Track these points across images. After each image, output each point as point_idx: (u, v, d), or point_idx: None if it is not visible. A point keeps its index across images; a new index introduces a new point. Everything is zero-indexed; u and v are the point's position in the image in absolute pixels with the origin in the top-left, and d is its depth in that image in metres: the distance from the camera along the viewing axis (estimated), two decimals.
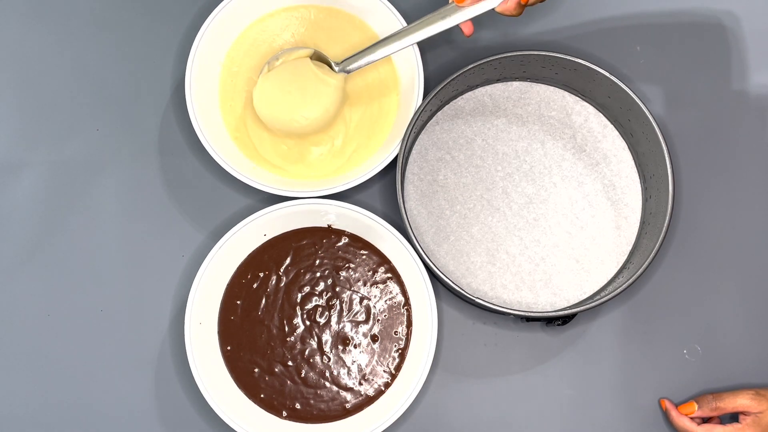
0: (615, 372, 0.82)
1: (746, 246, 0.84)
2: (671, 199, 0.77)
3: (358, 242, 0.82)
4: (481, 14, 0.75)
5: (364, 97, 0.84)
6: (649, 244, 0.78)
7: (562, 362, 0.82)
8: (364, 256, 0.82)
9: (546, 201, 0.83)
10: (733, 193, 0.85)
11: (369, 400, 0.80)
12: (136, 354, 0.82)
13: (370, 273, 0.82)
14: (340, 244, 0.83)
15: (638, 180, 0.83)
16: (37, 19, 0.88)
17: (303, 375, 0.80)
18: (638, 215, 0.83)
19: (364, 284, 0.82)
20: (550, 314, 0.77)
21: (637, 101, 0.78)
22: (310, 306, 0.82)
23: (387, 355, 0.81)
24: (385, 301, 0.82)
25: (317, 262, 0.82)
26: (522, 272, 0.82)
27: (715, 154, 0.86)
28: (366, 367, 0.80)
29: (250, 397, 0.80)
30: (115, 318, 0.83)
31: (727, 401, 0.77)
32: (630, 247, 0.82)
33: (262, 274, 0.82)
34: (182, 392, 0.81)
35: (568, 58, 0.79)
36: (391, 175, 0.84)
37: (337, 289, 0.82)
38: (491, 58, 0.79)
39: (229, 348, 0.81)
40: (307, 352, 0.81)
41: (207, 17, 0.82)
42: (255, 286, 0.82)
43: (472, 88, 0.85)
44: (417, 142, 0.84)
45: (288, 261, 0.82)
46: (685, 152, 0.85)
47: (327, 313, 0.81)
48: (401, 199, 0.78)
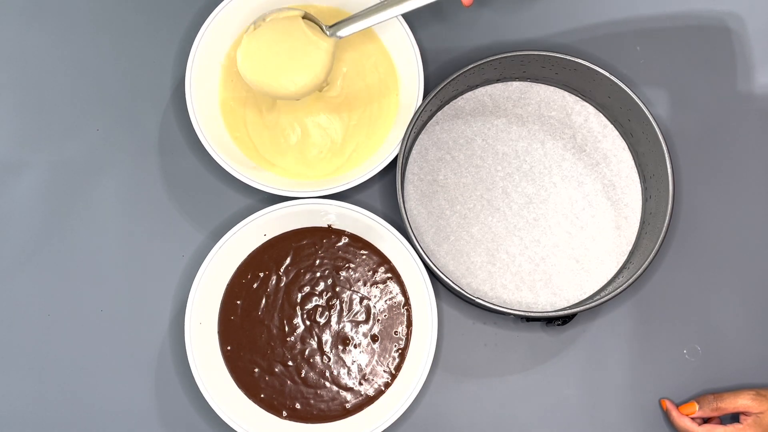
0: (615, 372, 0.82)
1: (746, 246, 0.84)
2: (671, 199, 0.77)
3: (358, 242, 0.82)
4: None
5: (364, 97, 0.84)
6: (649, 244, 0.78)
7: (562, 362, 0.82)
8: (364, 256, 0.82)
9: (546, 201, 0.83)
10: (733, 193, 0.85)
11: (369, 400, 0.80)
12: (136, 354, 0.82)
13: (370, 273, 0.82)
14: (340, 244, 0.82)
15: (638, 180, 0.83)
16: (37, 19, 0.88)
17: (303, 375, 0.80)
18: (638, 215, 0.83)
19: (364, 284, 0.82)
20: (550, 314, 0.77)
21: (637, 101, 0.78)
22: (310, 306, 0.82)
23: (387, 355, 0.81)
24: (385, 301, 0.81)
25: (317, 262, 0.82)
26: (522, 272, 0.82)
27: (715, 154, 0.86)
28: (366, 367, 0.80)
29: (250, 397, 0.80)
30: (115, 318, 0.83)
31: (728, 401, 0.77)
32: (630, 247, 0.82)
33: (262, 274, 0.82)
34: (182, 392, 0.81)
35: (568, 58, 0.79)
36: (391, 175, 0.84)
37: (337, 289, 0.82)
38: (491, 58, 0.79)
39: (229, 348, 0.81)
40: (307, 352, 0.81)
41: (207, 17, 0.82)
42: (255, 286, 0.82)
43: (472, 88, 0.85)
44: (417, 142, 0.84)
45: (288, 261, 0.82)
46: (685, 152, 0.85)
47: (327, 313, 0.81)
48: (401, 199, 0.78)
